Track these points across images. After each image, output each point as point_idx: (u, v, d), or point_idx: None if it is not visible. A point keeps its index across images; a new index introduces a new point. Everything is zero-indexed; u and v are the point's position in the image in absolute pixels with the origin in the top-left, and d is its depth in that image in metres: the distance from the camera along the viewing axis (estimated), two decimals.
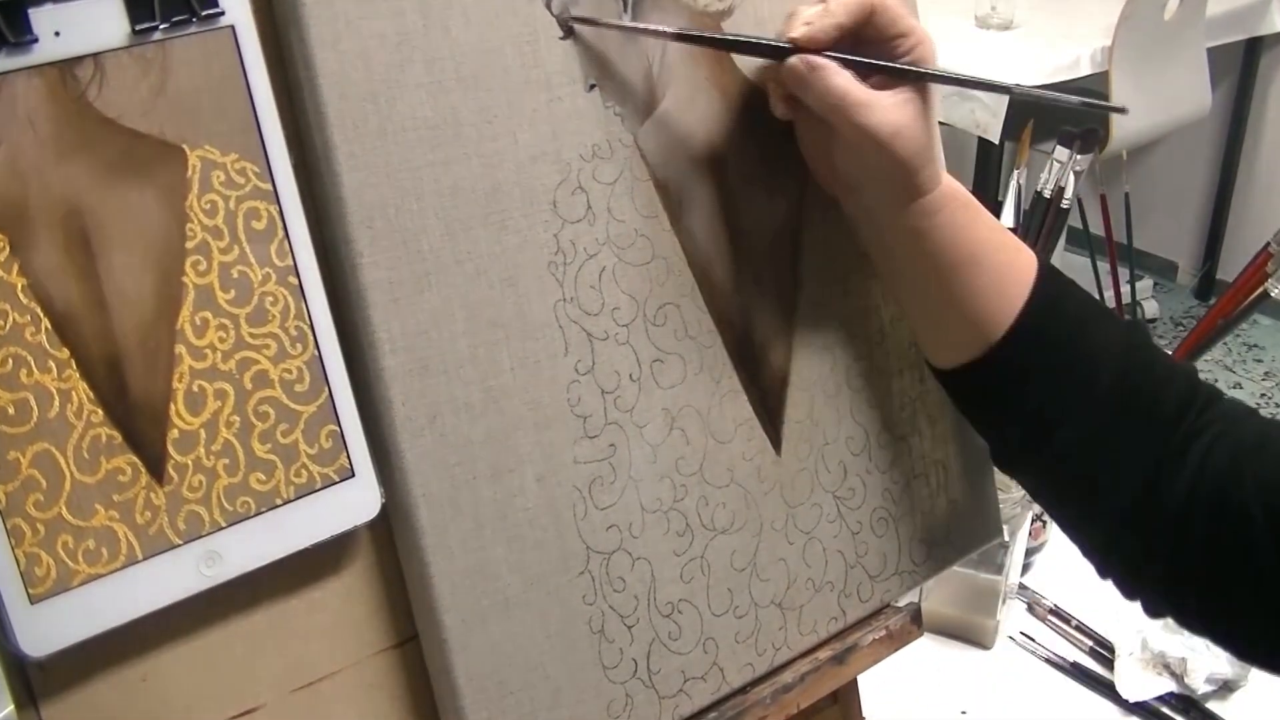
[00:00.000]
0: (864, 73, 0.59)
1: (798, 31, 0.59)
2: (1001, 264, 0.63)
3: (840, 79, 0.58)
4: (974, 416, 0.70)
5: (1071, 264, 2.85)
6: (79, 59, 0.47)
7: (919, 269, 0.64)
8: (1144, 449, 0.63)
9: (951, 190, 0.63)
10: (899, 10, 0.60)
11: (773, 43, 0.60)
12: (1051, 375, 0.64)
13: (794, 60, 0.59)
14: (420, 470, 0.55)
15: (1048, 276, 0.64)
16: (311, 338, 0.53)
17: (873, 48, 0.60)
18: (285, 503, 0.52)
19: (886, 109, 0.59)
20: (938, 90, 0.61)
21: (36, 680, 0.48)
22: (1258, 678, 0.93)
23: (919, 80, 0.60)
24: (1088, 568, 1.05)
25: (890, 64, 0.60)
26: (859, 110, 0.58)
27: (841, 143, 0.61)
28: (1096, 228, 1.24)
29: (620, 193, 0.61)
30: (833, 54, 0.59)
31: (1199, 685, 0.89)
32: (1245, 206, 3.16)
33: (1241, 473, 0.60)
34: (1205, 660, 0.90)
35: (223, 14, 0.50)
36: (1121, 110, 0.62)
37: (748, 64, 0.65)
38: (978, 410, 0.69)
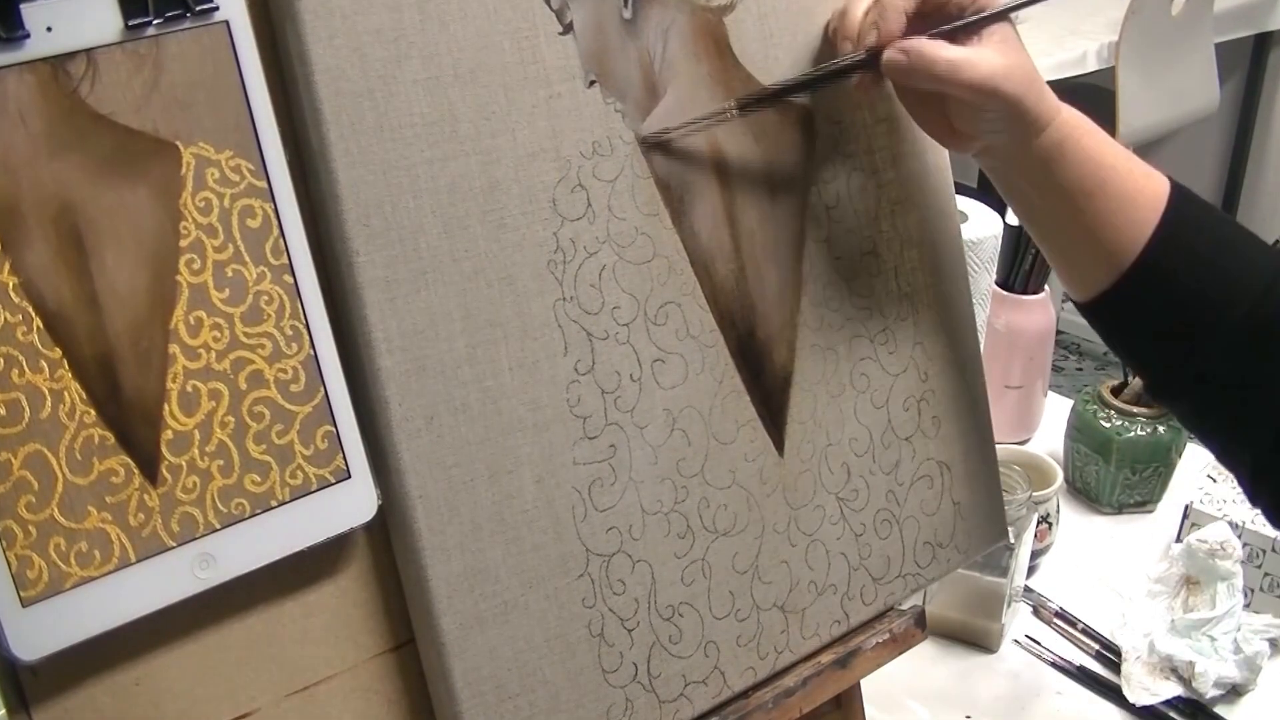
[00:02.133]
0: (948, 36, 0.62)
1: (872, 36, 0.62)
2: (1130, 189, 0.64)
3: (937, 49, 0.61)
4: (1116, 346, 0.70)
5: None
6: (71, 55, 0.47)
7: (1049, 201, 0.65)
8: None
9: (1072, 119, 0.64)
10: None
11: (853, 59, 0.64)
12: (1186, 300, 0.64)
13: (891, 53, 0.61)
14: (417, 471, 0.55)
15: (1180, 200, 0.64)
16: (307, 337, 0.53)
17: (939, 14, 0.62)
18: (280, 504, 0.52)
19: (984, 57, 0.61)
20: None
21: (28, 684, 0.48)
22: (1266, 682, 0.92)
23: (997, 19, 0.62)
24: (1094, 570, 1.05)
25: (972, 18, 0.62)
26: (964, 68, 0.61)
27: (956, 105, 0.64)
28: None
29: (621, 190, 0.61)
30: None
31: (1207, 690, 0.89)
32: (1254, 202, 3.16)
33: None
34: (1213, 665, 0.90)
35: (217, 9, 0.50)
36: None
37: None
38: (1119, 339, 0.69)
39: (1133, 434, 1.10)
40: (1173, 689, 0.90)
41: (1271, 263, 0.65)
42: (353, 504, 0.54)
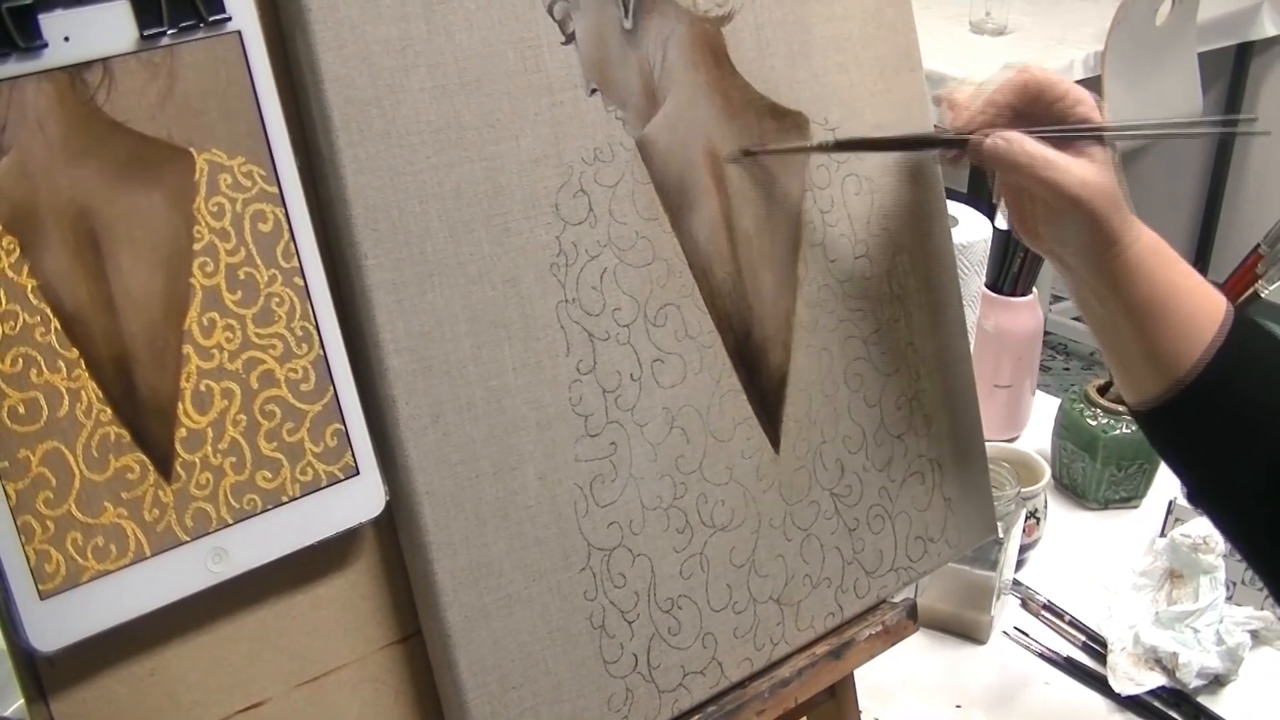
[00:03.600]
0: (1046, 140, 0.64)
1: (964, 118, 0.65)
2: (1192, 309, 0.65)
3: (1036, 146, 0.62)
4: (1164, 453, 0.71)
5: None
6: (88, 64, 0.47)
7: (1114, 313, 0.66)
8: None
9: (1149, 244, 0.64)
10: (1053, 77, 0.64)
11: (952, 135, 0.66)
12: (1235, 421, 0.65)
13: (994, 140, 0.63)
14: (424, 468, 0.55)
15: (1238, 322, 0.65)
16: (317, 338, 0.53)
17: (1042, 117, 0.64)
18: (291, 500, 0.52)
19: (1072, 165, 0.62)
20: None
21: (46, 674, 0.48)
22: (1248, 673, 0.92)
23: (1094, 137, 0.64)
24: (1081, 564, 1.05)
25: (1071, 128, 0.64)
26: (1051, 169, 0.62)
27: (1040, 204, 0.65)
28: None
29: (622, 195, 0.61)
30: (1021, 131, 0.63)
31: (1190, 680, 0.89)
32: (1235, 209, 3.16)
33: None
34: (1196, 655, 0.90)
35: (229, 20, 0.50)
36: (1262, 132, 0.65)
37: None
38: (1166, 447, 0.70)
39: (1118, 432, 1.10)
40: (1157, 679, 0.90)
41: None
42: (361, 500, 0.54)
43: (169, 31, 0.49)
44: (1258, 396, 0.64)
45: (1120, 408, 1.11)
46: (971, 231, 1.09)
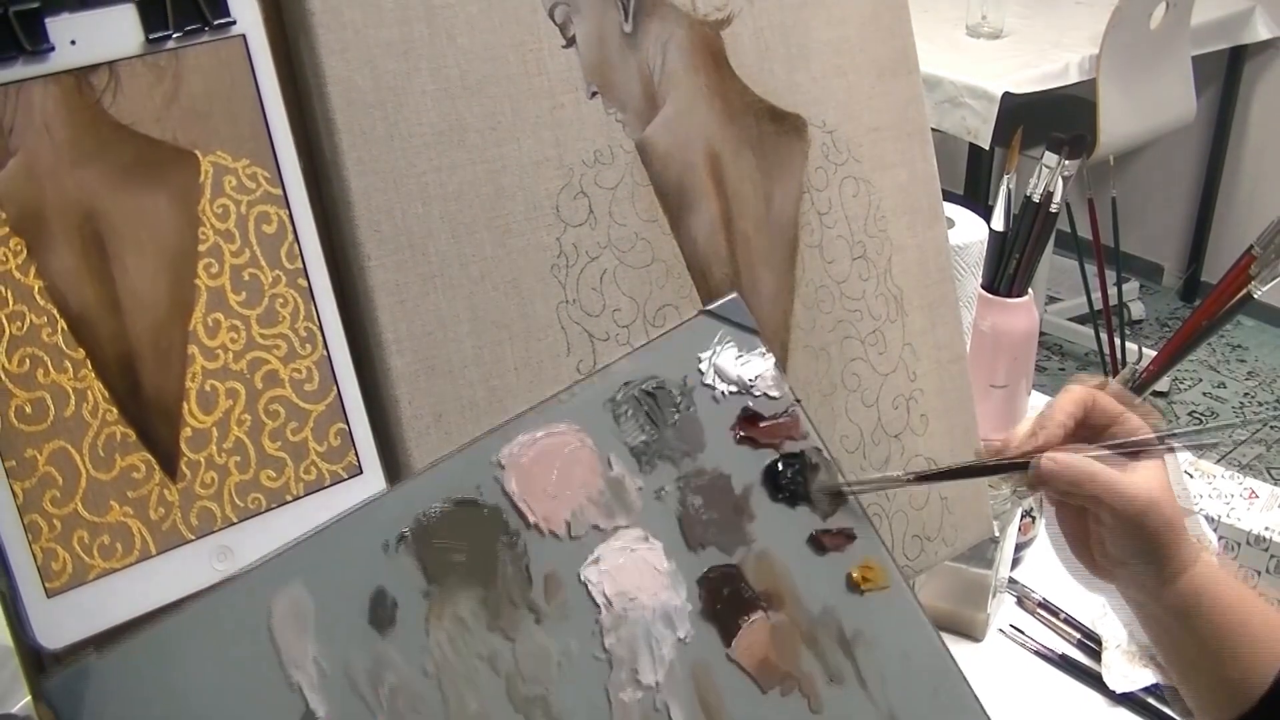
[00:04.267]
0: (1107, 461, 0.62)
1: (1029, 444, 0.62)
2: (1263, 634, 0.64)
3: (1086, 463, 0.60)
4: None
5: (1061, 267, 2.85)
6: (94, 67, 0.47)
7: (1183, 641, 0.65)
8: None
9: (1209, 569, 0.63)
10: (1111, 401, 0.62)
11: (1015, 460, 0.63)
12: None
13: (1044, 460, 0.60)
14: None
15: None
16: (320, 338, 0.53)
17: (1101, 436, 0.62)
18: (295, 499, 0.52)
19: (1135, 482, 0.60)
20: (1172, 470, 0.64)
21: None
22: None
23: (1150, 450, 0.62)
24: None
25: (1126, 441, 0.62)
26: (1111, 487, 0.60)
27: (1103, 526, 0.63)
28: (1085, 231, 1.24)
29: (621, 197, 0.61)
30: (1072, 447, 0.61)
31: None
32: (1229, 210, 3.16)
33: None
34: None
35: (234, 23, 0.50)
36: None
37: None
38: None
39: None
40: (1150, 676, 0.90)
41: None
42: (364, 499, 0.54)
43: (174, 35, 0.49)
44: None
45: None
46: (968, 233, 1.09)
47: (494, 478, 0.52)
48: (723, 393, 0.57)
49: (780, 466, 0.57)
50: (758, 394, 0.58)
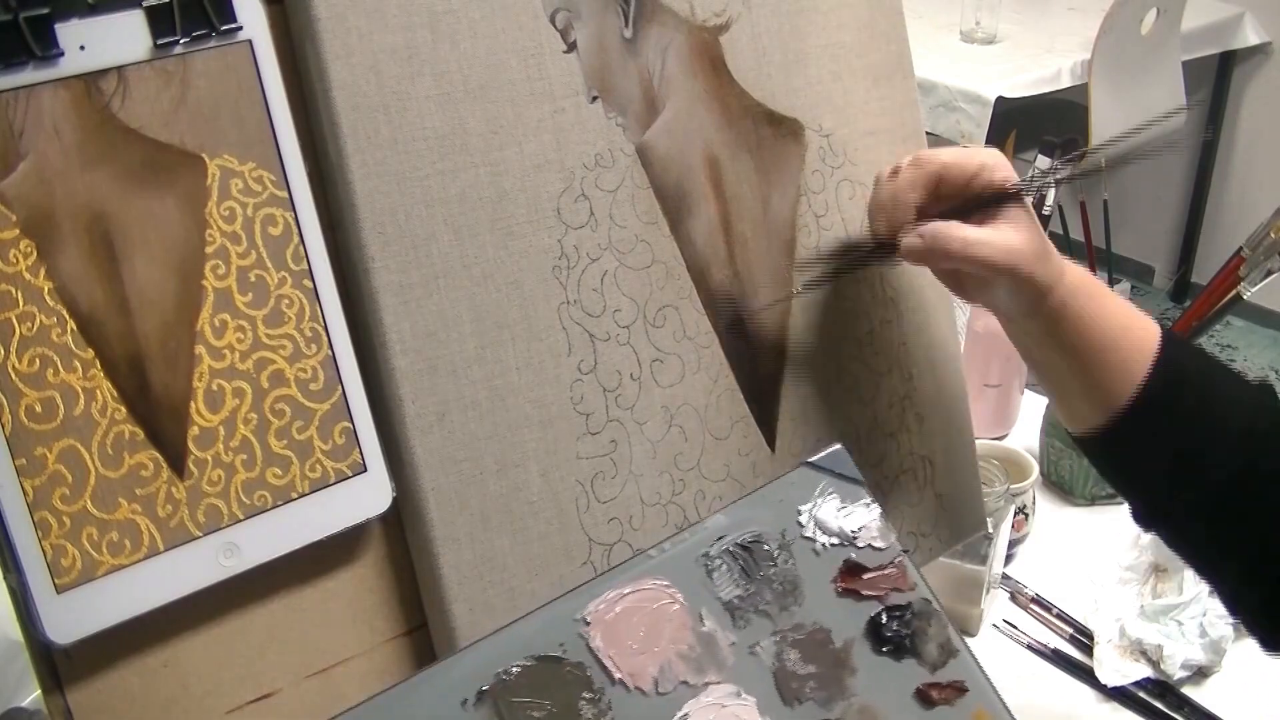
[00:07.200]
0: (962, 217, 0.62)
1: (884, 228, 0.63)
2: (1125, 342, 0.64)
3: (952, 230, 0.61)
4: (1109, 479, 0.71)
5: None
6: (103, 72, 0.47)
7: (1050, 354, 0.65)
8: (1265, 510, 0.63)
9: (1075, 283, 0.64)
10: (960, 157, 0.63)
11: (872, 250, 0.64)
12: (1174, 442, 0.64)
13: (909, 238, 0.62)
14: (429, 465, 0.55)
15: (1169, 347, 0.65)
16: (325, 338, 0.53)
17: (954, 196, 0.62)
18: (300, 496, 0.52)
19: (994, 237, 0.61)
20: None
21: (62, 666, 0.48)
22: (1231, 664, 0.92)
23: (1007, 200, 0.62)
24: (1068, 558, 1.05)
25: (982, 197, 0.62)
26: (979, 247, 0.61)
27: (972, 278, 0.64)
28: (1077, 233, 1.24)
29: (622, 200, 0.61)
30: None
31: (1175, 671, 0.89)
32: (1219, 213, 3.16)
33: None
34: (1180, 647, 0.90)
35: (241, 29, 0.50)
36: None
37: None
38: (1112, 473, 0.70)
39: None
40: (1142, 670, 0.90)
41: (1251, 398, 0.65)
42: (369, 496, 0.54)
43: (182, 40, 0.49)
44: (1191, 417, 0.64)
45: None
46: None
47: (579, 634, 0.50)
48: (824, 545, 0.56)
49: (885, 619, 0.55)
50: (861, 545, 0.56)
